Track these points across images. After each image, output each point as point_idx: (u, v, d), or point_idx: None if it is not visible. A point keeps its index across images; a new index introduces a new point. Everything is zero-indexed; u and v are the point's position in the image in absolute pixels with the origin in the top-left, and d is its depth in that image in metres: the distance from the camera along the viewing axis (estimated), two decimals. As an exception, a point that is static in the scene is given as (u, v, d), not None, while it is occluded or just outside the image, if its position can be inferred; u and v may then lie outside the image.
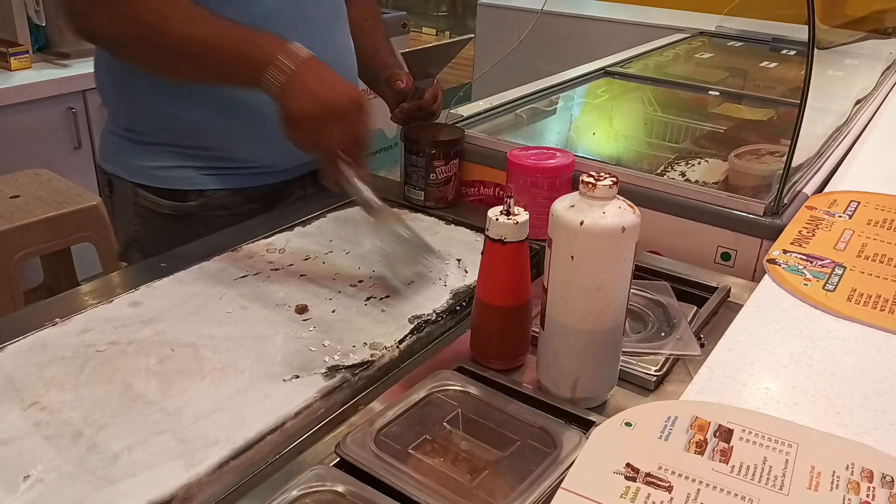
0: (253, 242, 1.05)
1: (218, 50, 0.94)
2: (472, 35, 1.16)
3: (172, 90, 1.05)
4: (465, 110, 1.40)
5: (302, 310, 0.89)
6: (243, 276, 0.96)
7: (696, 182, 1.28)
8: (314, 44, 1.09)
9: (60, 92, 2.31)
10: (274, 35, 0.94)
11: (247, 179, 1.14)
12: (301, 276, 0.97)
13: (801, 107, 1.02)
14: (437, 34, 7.45)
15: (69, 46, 2.48)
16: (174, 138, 1.09)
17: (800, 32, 2.23)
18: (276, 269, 0.98)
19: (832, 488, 0.59)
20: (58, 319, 0.85)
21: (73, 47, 2.47)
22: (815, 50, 1.04)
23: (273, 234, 1.08)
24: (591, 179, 0.67)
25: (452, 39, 1.13)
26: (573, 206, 0.68)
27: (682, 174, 1.42)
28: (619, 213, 0.67)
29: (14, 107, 2.23)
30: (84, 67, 2.36)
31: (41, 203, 2.02)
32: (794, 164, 1.06)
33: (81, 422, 0.70)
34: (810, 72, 1.03)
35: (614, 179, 0.67)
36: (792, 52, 2.20)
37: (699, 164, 1.49)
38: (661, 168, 1.46)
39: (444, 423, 0.71)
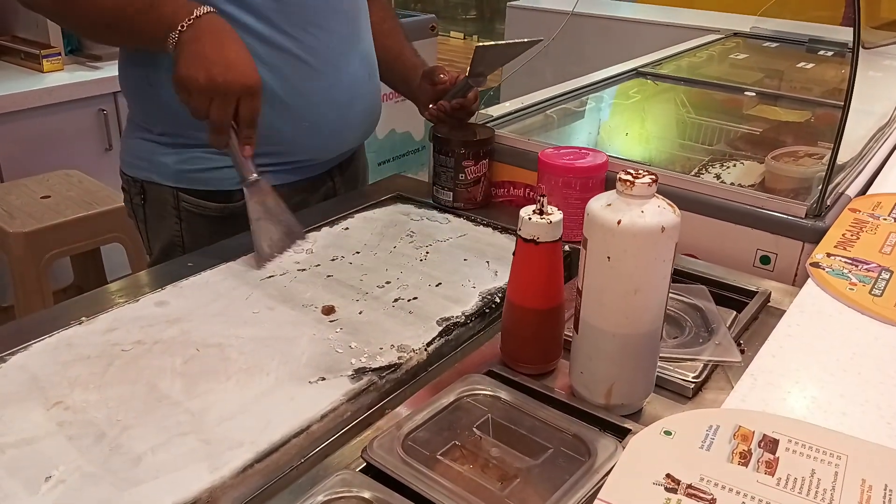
0: (280, 242, 1.04)
1: (124, 16, 0.95)
2: (542, 38, 1.13)
3: None
4: (495, 110, 1.37)
5: (329, 311, 0.87)
6: (270, 277, 0.95)
7: (732, 184, 1.24)
8: (338, 36, 1.07)
9: (92, 94, 2.33)
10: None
11: (288, 174, 1.13)
12: (328, 276, 0.95)
13: (846, 106, 0.99)
14: (464, 38, 7.45)
15: (101, 49, 2.50)
16: None
17: (836, 33, 2.20)
18: (303, 270, 0.97)
19: (884, 503, 0.55)
20: (84, 318, 0.84)
21: (105, 50, 2.49)
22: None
23: (300, 235, 1.06)
24: (630, 177, 0.64)
25: (524, 39, 1.11)
26: (610, 204, 0.65)
27: (717, 176, 1.39)
28: (658, 213, 0.64)
29: (46, 108, 2.25)
30: (115, 70, 2.37)
31: (72, 204, 2.03)
32: (836, 165, 1.02)
33: (105, 422, 0.69)
34: (855, 71, 0.99)
35: (654, 177, 0.64)
36: (829, 53, 2.14)
37: (734, 166, 1.45)
38: (696, 170, 1.43)
39: (474, 429, 0.69)
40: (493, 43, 1.09)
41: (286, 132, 1.09)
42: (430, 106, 1.17)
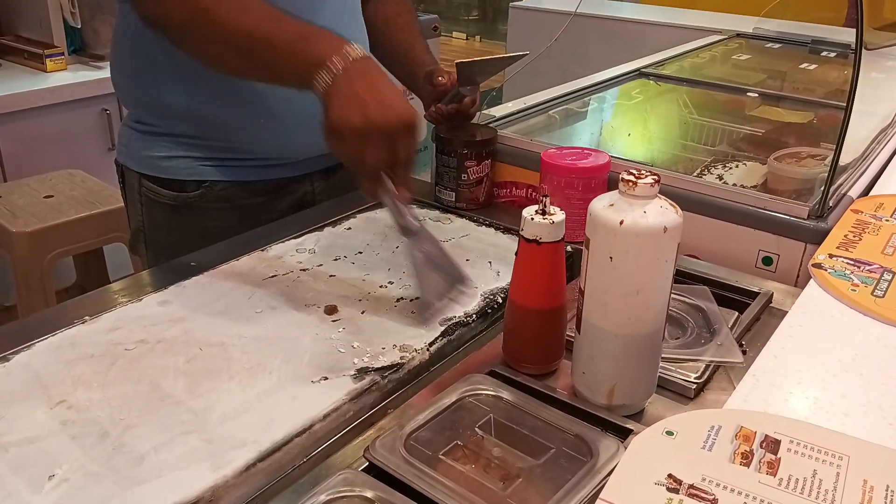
0: (283, 242, 1.04)
1: (269, 44, 0.88)
2: (527, 52, 1.11)
3: (177, 78, 1.04)
4: (498, 111, 1.38)
5: (331, 310, 0.87)
6: (272, 276, 0.95)
7: (734, 185, 1.24)
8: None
9: (95, 94, 2.33)
10: (333, 33, 0.87)
11: (247, 172, 1.12)
12: (331, 276, 0.96)
13: (848, 107, 0.99)
14: (467, 38, 7.45)
15: (104, 48, 2.51)
16: (176, 127, 1.09)
17: (839, 34, 2.19)
18: (306, 270, 0.97)
19: (886, 504, 0.56)
20: (87, 317, 0.85)
21: (108, 49, 2.50)
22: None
23: (303, 234, 1.06)
24: (632, 177, 0.64)
25: (507, 54, 1.09)
26: (612, 204, 0.65)
27: (720, 177, 1.39)
28: (660, 213, 0.64)
29: (49, 108, 2.25)
30: (118, 69, 2.38)
31: (74, 203, 2.03)
32: (839, 166, 1.02)
33: (108, 421, 0.69)
34: (857, 72, 0.99)
35: (656, 178, 0.65)
36: (832, 54, 2.14)
37: (737, 166, 1.45)
38: (698, 171, 1.43)
39: (476, 429, 0.69)
40: (472, 60, 1.08)
41: (244, 128, 1.08)
42: (431, 108, 1.17)
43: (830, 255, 0.93)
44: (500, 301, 0.91)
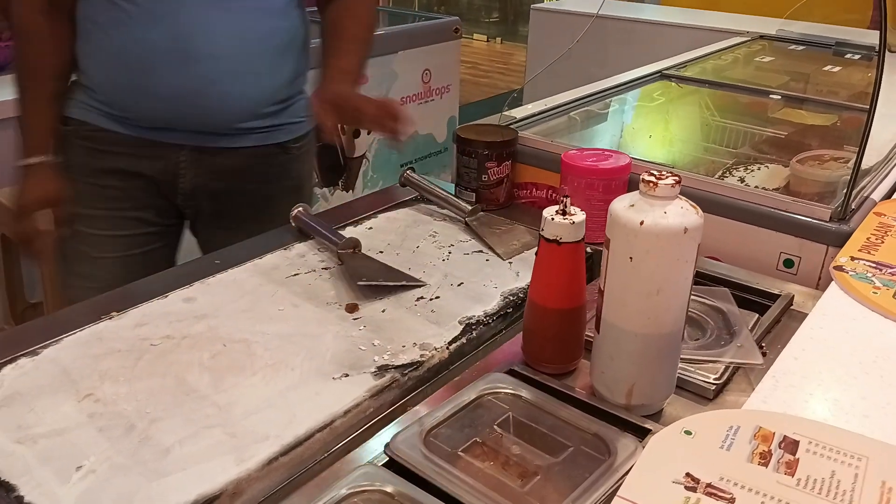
0: (305, 241, 1.05)
1: (19, 99, 1.14)
2: (426, 284, 0.96)
3: (81, 38, 1.11)
4: (519, 112, 1.38)
5: (352, 308, 0.89)
6: (295, 275, 0.96)
7: (756, 188, 1.24)
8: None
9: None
10: None
11: (112, 122, 1.13)
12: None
13: (871, 110, 0.98)
14: (487, 40, 7.46)
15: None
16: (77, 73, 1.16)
17: (864, 37, 2.17)
18: (327, 268, 0.98)
19: (906, 506, 0.55)
20: (114, 313, 0.86)
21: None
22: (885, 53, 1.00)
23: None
24: (653, 178, 0.65)
25: (405, 282, 0.95)
26: (633, 205, 0.66)
27: (741, 179, 1.39)
28: (681, 214, 0.65)
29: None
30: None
31: (100, 202, 2.05)
32: (861, 168, 1.02)
33: (134, 414, 0.70)
34: (881, 75, 0.99)
35: (677, 178, 0.65)
36: (856, 57, 2.13)
37: (759, 169, 1.45)
38: (720, 173, 1.43)
39: (495, 427, 0.70)
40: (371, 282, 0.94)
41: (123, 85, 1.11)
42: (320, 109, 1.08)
43: (852, 258, 0.92)
44: (520, 301, 0.91)
